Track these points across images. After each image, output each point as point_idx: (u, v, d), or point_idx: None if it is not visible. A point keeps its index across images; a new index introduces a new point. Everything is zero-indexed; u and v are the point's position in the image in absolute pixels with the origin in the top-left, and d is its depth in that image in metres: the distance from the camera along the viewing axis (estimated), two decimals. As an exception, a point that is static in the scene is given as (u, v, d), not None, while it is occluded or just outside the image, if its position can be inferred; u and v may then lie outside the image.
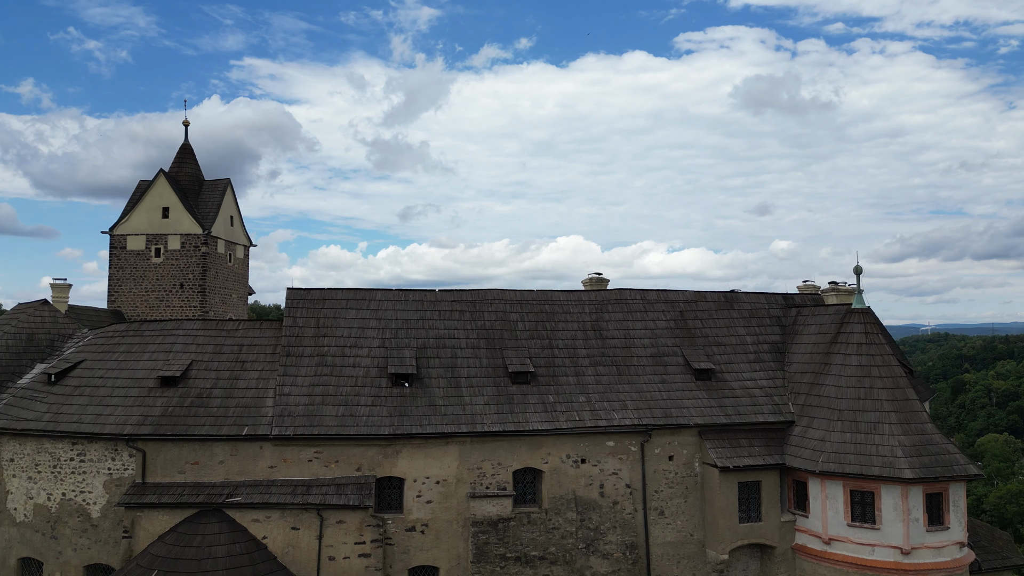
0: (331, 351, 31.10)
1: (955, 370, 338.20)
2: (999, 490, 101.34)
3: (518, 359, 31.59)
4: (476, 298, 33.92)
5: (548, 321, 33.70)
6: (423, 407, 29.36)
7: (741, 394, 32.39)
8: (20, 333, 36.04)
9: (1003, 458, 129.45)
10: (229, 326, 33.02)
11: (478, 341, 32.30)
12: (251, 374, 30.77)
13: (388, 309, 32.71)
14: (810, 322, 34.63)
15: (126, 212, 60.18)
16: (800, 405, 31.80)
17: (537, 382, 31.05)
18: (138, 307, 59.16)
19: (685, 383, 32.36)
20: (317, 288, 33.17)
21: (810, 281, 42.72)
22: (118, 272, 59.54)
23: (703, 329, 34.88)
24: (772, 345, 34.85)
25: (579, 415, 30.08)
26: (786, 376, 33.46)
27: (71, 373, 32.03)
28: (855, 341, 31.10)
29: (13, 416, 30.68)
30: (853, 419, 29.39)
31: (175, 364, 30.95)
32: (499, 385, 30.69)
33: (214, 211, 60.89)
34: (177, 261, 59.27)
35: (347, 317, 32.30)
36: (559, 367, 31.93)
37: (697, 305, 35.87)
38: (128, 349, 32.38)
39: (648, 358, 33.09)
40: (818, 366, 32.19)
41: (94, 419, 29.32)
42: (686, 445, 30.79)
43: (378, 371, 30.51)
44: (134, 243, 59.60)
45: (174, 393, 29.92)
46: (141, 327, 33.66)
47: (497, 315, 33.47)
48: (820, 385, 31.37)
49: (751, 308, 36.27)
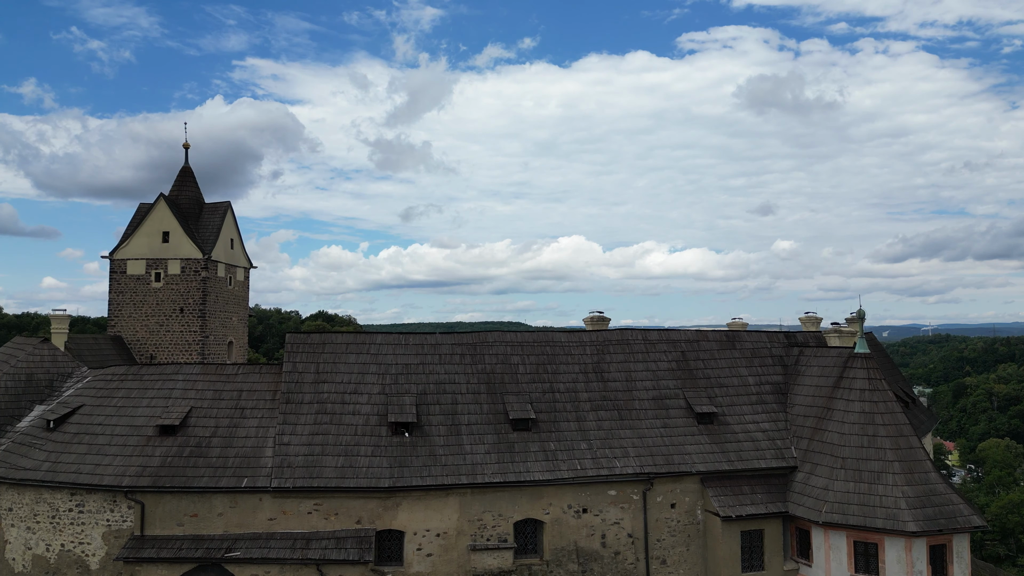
0: (331, 398, 30.93)
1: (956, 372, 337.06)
2: (1001, 499, 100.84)
3: (519, 405, 31.40)
4: (477, 341, 33.74)
5: (549, 363, 33.52)
6: (423, 457, 29.17)
7: (743, 438, 32.19)
8: (19, 373, 35.94)
9: (1004, 464, 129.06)
10: (229, 371, 32.86)
11: (479, 386, 32.11)
12: (250, 421, 30.62)
13: (388, 354, 32.53)
14: (812, 363, 34.43)
15: (126, 236, 60.00)
16: (803, 450, 31.60)
17: (538, 428, 30.87)
18: (138, 332, 59.01)
19: (687, 427, 32.17)
20: (317, 332, 33.01)
21: (812, 313, 42.60)
22: (118, 297, 59.35)
23: (705, 370, 34.68)
24: (774, 386, 34.65)
25: (581, 463, 29.90)
26: (788, 418, 33.26)
27: (70, 419, 31.88)
28: (858, 387, 30.89)
29: (12, 464, 30.53)
30: (856, 468, 29.18)
31: (174, 411, 30.80)
32: (500, 432, 30.51)
33: (214, 235, 60.69)
34: (177, 286, 59.07)
35: (347, 362, 32.13)
36: (560, 412, 31.74)
37: (699, 345, 35.68)
38: (127, 395, 32.25)
39: (650, 401, 32.89)
40: (820, 410, 32.01)
41: (93, 469, 29.17)
42: (688, 492, 30.61)
43: (378, 419, 30.33)
44: (134, 267, 59.41)
45: (173, 442, 29.78)
46: (140, 371, 33.49)
47: (498, 358, 33.28)
48: (823, 431, 31.18)
49: (753, 347, 36.07)
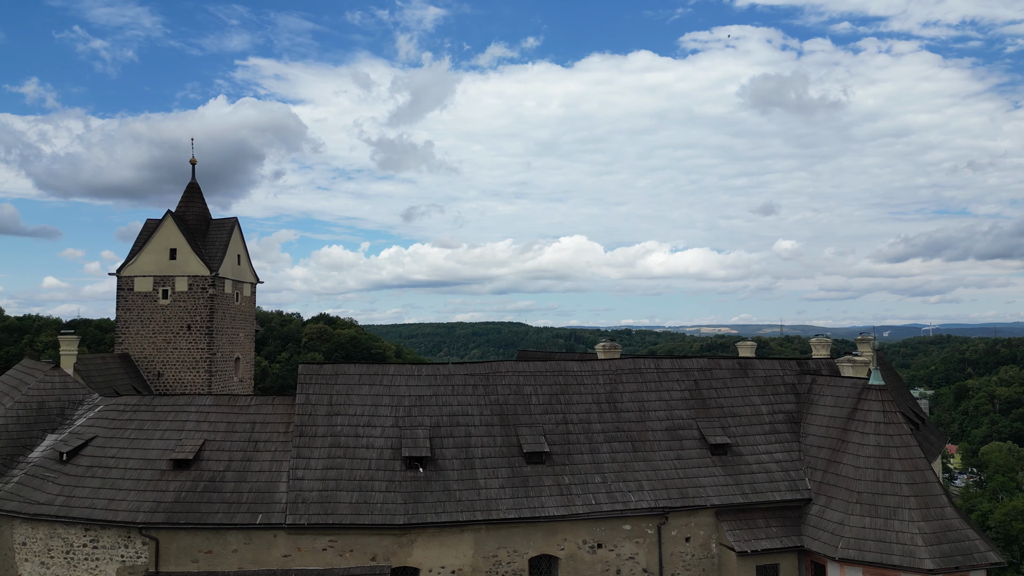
0: (344, 431, 30.89)
1: (958, 374, 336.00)
2: (1004, 506, 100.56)
3: (532, 437, 31.35)
4: (489, 371, 33.69)
5: (562, 394, 33.47)
6: (437, 492, 29.12)
7: (757, 469, 32.13)
8: (30, 402, 35.88)
9: (1007, 469, 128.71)
10: (241, 402, 32.82)
11: (492, 418, 32.06)
12: (264, 455, 30.57)
13: (401, 385, 32.47)
14: (826, 392, 34.36)
15: (133, 253, 59.98)
16: (817, 482, 31.53)
17: (552, 461, 30.82)
18: (145, 349, 59.01)
19: (701, 459, 32.11)
20: (330, 363, 32.97)
21: (824, 335, 42.60)
22: (125, 314, 59.34)
23: (718, 399, 34.62)
24: (787, 415, 34.58)
25: (595, 498, 29.84)
26: (802, 449, 33.20)
27: (83, 451, 31.86)
28: (873, 420, 30.81)
29: (25, 498, 30.49)
30: (872, 503, 29.10)
31: (188, 445, 30.76)
32: (514, 466, 30.46)
33: (221, 251, 60.67)
34: (185, 303, 59.04)
35: (360, 394, 32.09)
36: (574, 444, 31.69)
37: (711, 373, 35.62)
38: (140, 426, 32.22)
39: (663, 432, 32.84)
40: (835, 442, 31.93)
41: (107, 504, 29.12)
42: (703, 526, 30.55)
43: (391, 453, 30.28)
44: (141, 285, 59.38)
45: (187, 476, 29.73)
46: (153, 402, 33.46)
47: (510, 388, 33.24)
48: (838, 463, 31.09)
49: (766, 375, 36.01)
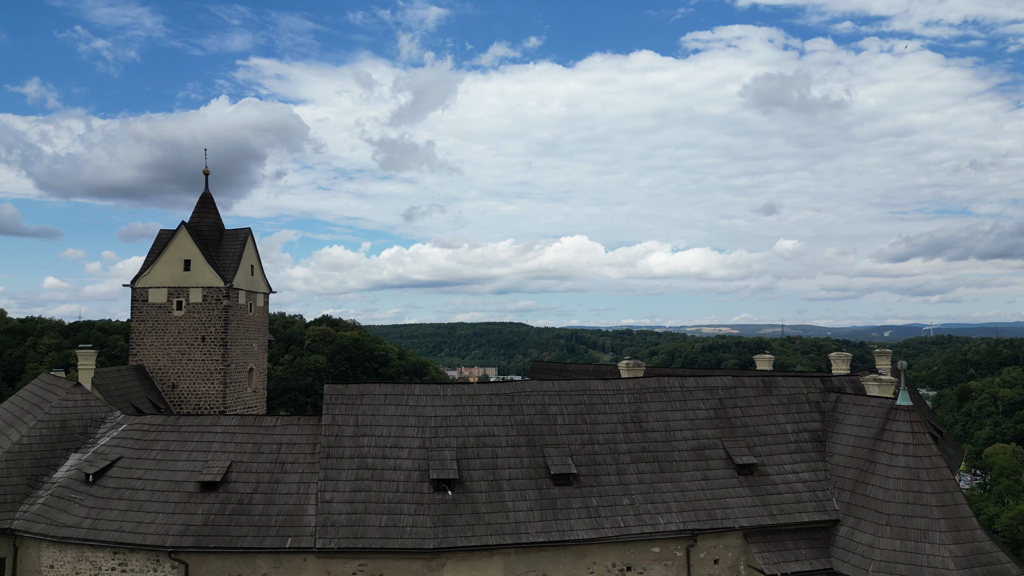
0: (371, 452, 30.84)
1: (960, 375, 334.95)
2: (1011, 510, 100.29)
3: (559, 458, 31.28)
4: (514, 391, 33.63)
5: (587, 413, 33.40)
6: (466, 515, 29.06)
7: (784, 489, 32.05)
8: (53, 420, 35.84)
9: (1011, 471, 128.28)
10: (267, 422, 32.77)
11: (518, 438, 32.00)
12: (291, 477, 30.53)
13: (427, 405, 32.42)
14: (851, 411, 34.26)
15: (147, 264, 59.97)
16: (844, 503, 31.44)
17: (579, 483, 30.75)
18: (160, 361, 59.00)
19: (727, 479, 32.03)
20: (355, 383, 32.92)
21: (843, 351, 42.56)
22: (140, 325, 59.34)
23: (743, 418, 34.55)
24: (812, 433, 34.50)
25: (624, 520, 29.77)
26: (828, 468, 33.11)
27: (109, 472, 31.83)
28: (902, 441, 30.71)
29: (52, 520, 30.45)
30: (902, 524, 29.00)
31: (215, 467, 30.72)
32: (541, 488, 30.40)
33: (235, 262, 60.66)
34: (199, 314, 59.03)
35: (386, 414, 32.03)
36: (600, 465, 31.62)
37: (736, 391, 35.54)
38: (166, 447, 32.19)
39: (689, 452, 32.76)
40: (862, 462, 31.83)
41: (135, 527, 29.09)
42: (731, 548, 30.47)
43: (419, 475, 30.22)
44: (156, 296, 59.38)
45: (215, 499, 29.69)
46: (178, 422, 33.41)
47: (536, 408, 33.18)
48: (866, 484, 31.00)
49: (790, 393, 35.93)
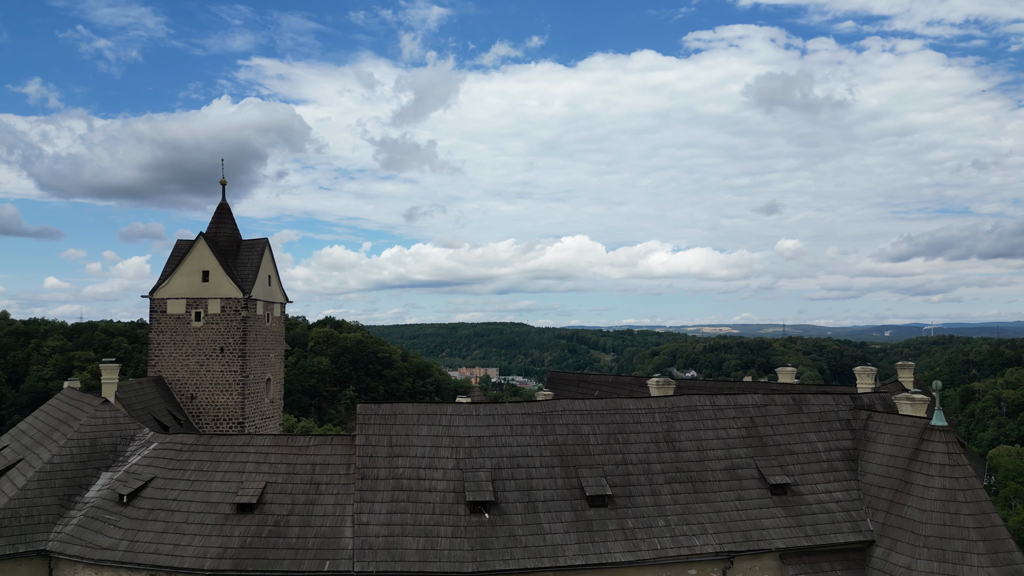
0: (406, 473, 30.81)
1: (962, 376, 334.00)
2: (1019, 513, 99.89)
3: (593, 479, 31.25)
4: (546, 410, 33.60)
5: (620, 433, 33.36)
6: (503, 538, 29.03)
7: (818, 510, 32.01)
8: (83, 439, 35.83)
9: (1017, 474, 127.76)
10: (300, 442, 32.75)
11: (552, 459, 31.96)
12: (327, 498, 30.50)
13: (460, 425, 32.39)
14: (884, 430, 34.20)
15: (165, 275, 59.97)
16: (879, 523, 31.38)
17: (615, 504, 30.71)
18: (178, 372, 59.01)
19: (761, 499, 31.99)
20: (387, 403, 32.90)
21: (868, 365, 42.58)
22: (159, 336, 59.35)
23: (774, 436, 34.50)
24: (844, 452, 34.45)
25: (660, 542, 29.72)
26: (861, 488, 33.06)
27: (142, 492, 31.82)
28: (937, 462, 30.63)
29: (87, 542, 30.44)
30: (940, 547, 28.92)
31: (250, 488, 30.70)
32: (576, 509, 30.37)
33: (253, 272, 60.65)
34: (217, 325, 59.01)
35: (419, 434, 32.00)
36: (634, 485, 31.58)
37: (766, 409, 35.49)
38: (199, 467, 32.18)
39: (722, 471, 32.72)
40: (897, 483, 31.76)
41: (172, 549, 29.07)
42: (768, 569, 30.42)
43: (455, 496, 30.19)
44: (174, 307, 59.36)
45: (251, 521, 29.68)
46: (211, 442, 33.40)
47: (568, 428, 33.14)
48: (901, 505, 30.94)
49: (820, 411, 35.88)
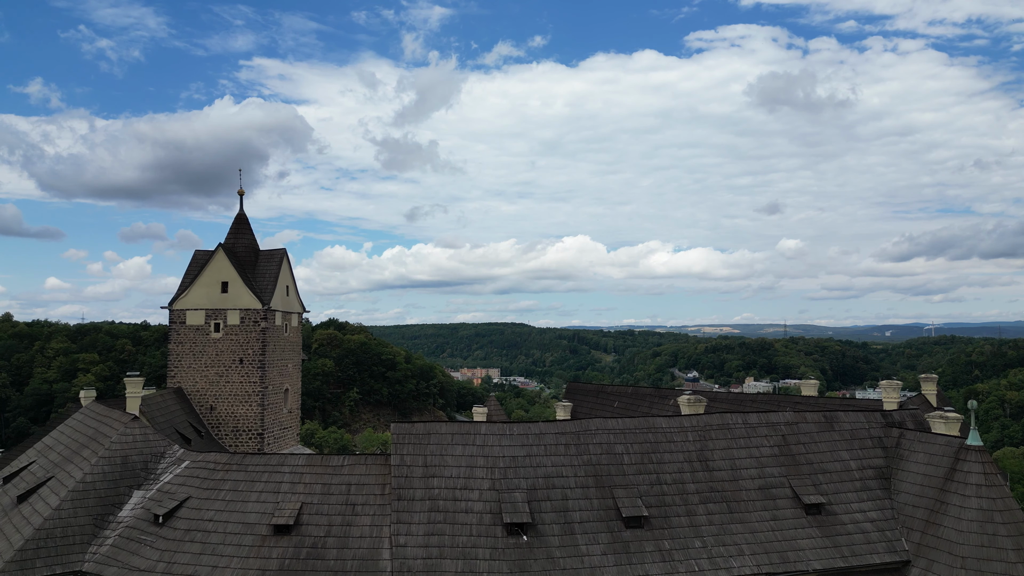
0: (442, 494, 30.80)
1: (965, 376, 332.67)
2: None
3: (629, 500, 31.23)
4: (579, 429, 33.59)
5: (653, 452, 33.34)
6: (541, 560, 29.01)
7: (853, 529, 31.98)
8: (114, 457, 35.88)
9: (1023, 476, 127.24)
10: (335, 462, 32.75)
11: (586, 479, 31.95)
12: (363, 519, 30.50)
13: (494, 445, 32.37)
14: (917, 449, 34.17)
15: (184, 286, 60.00)
16: (915, 543, 31.35)
17: (651, 525, 30.69)
18: (198, 383, 59.03)
19: (796, 519, 31.96)
20: (421, 422, 32.90)
21: (894, 378, 42.56)
22: (178, 347, 59.36)
23: (807, 455, 34.47)
24: (876, 470, 34.41)
25: (698, 564, 29.70)
26: (895, 507, 33.03)
27: (178, 512, 31.85)
28: (974, 482, 30.63)
29: (124, 563, 30.48)
30: (977, 568, 28.91)
31: (286, 509, 30.70)
32: (613, 531, 30.35)
33: (272, 283, 60.66)
34: (236, 336, 59.02)
35: (454, 454, 31.99)
36: (670, 506, 31.56)
37: (798, 427, 35.46)
38: (234, 487, 32.19)
39: (756, 491, 32.70)
40: (932, 502, 31.74)
41: (210, 571, 29.10)
42: (804, 591, 30.40)
43: (491, 517, 30.18)
44: (193, 318, 59.39)
45: (288, 542, 29.69)
46: (244, 461, 33.41)
47: (602, 447, 33.12)
48: (937, 525, 30.92)
49: (851, 428, 35.83)
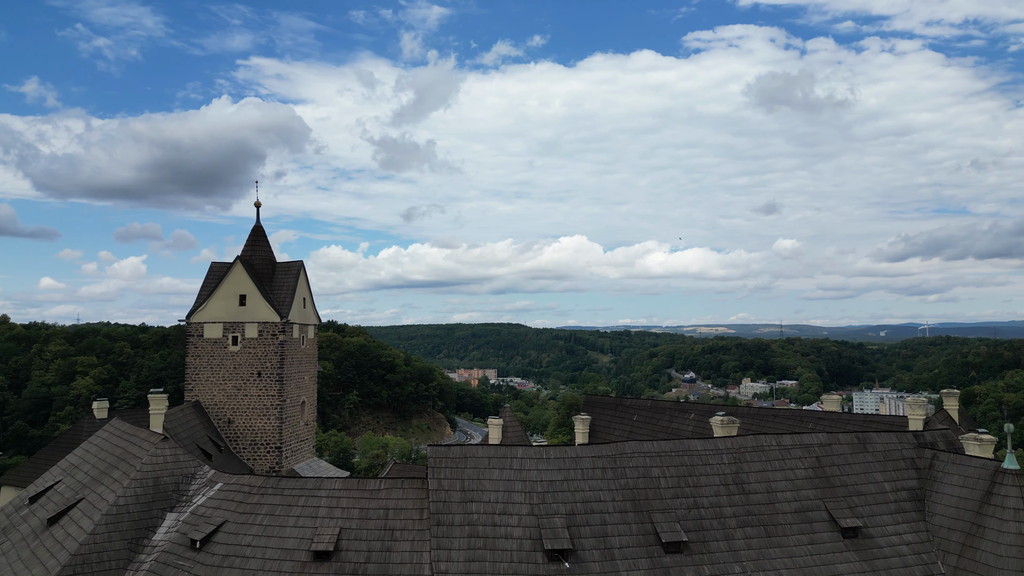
0: (481, 519, 30.76)
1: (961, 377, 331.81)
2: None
3: (667, 524, 31.24)
4: (615, 452, 33.57)
5: (689, 475, 33.35)
6: (584, 586, 29.02)
7: (889, 553, 32.03)
8: (146, 479, 35.76)
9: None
10: (371, 485, 32.69)
11: (624, 504, 31.95)
12: (402, 544, 30.44)
13: (531, 468, 32.34)
14: (951, 471, 34.24)
15: (202, 299, 59.94)
16: (951, 567, 31.42)
17: (690, 550, 30.70)
18: (215, 396, 58.98)
19: (833, 543, 31.99)
20: (457, 445, 32.87)
21: (920, 395, 42.68)
22: (195, 360, 59.36)
23: (841, 476, 34.52)
24: (910, 492, 34.49)
25: (738, 589, 29.74)
26: (929, 529, 33.10)
27: (214, 537, 31.75)
28: (1011, 506, 30.72)
29: (162, 589, 30.37)
30: (1017, 594, 29.01)
31: (325, 534, 30.62)
32: (653, 556, 30.34)
33: (289, 296, 60.65)
34: (255, 349, 59.01)
35: (491, 478, 31.95)
36: (708, 531, 31.57)
37: (832, 448, 35.51)
38: (271, 511, 32.11)
39: (793, 514, 32.73)
40: (968, 525, 31.83)
41: (250, 599, 29.02)
42: (844, 616, 30.44)
43: (531, 543, 30.15)
44: (211, 331, 59.35)
45: (329, 568, 29.61)
46: (280, 484, 33.33)
47: (639, 471, 33.12)
48: (974, 549, 31.00)
49: (884, 449, 35.91)
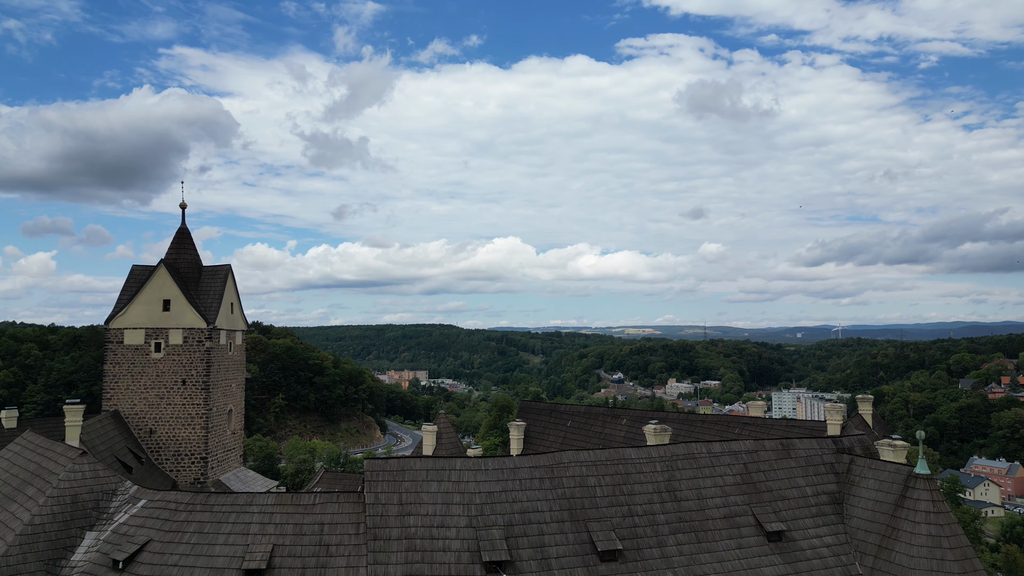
0: (419, 532, 30.59)
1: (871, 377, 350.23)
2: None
3: (603, 533, 31.79)
4: (553, 462, 33.93)
5: (624, 484, 34.02)
6: (521, 597, 29.22)
7: (811, 555, 33.46)
8: (63, 496, 34.11)
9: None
10: (306, 500, 32.03)
11: (561, 513, 32.33)
12: (338, 560, 29.97)
13: (469, 480, 32.35)
14: (867, 475, 36.01)
15: (122, 304, 57.47)
16: (868, 568, 33.06)
17: (624, 558, 31.33)
18: (136, 405, 56.67)
19: (759, 546, 33.21)
20: (394, 457, 32.58)
21: (834, 395, 44.76)
22: (114, 368, 56.84)
23: (767, 482, 35.85)
24: (830, 496, 36.11)
25: (671, 595, 30.51)
26: (848, 532, 34.75)
27: (138, 557, 30.54)
28: (923, 509, 32.54)
29: (82, 613, 29.01)
30: (928, 592, 30.76)
31: (257, 552, 29.85)
32: (589, 565, 30.82)
33: (216, 301, 58.79)
34: (179, 356, 56.94)
35: (429, 491, 31.80)
36: (642, 538, 32.29)
37: (758, 455, 36.83)
38: (199, 529, 31.09)
39: (722, 520, 33.81)
40: (883, 528, 33.57)
41: (178, 620, 28.05)
42: (769, 618, 31.63)
43: (469, 555, 30.18)
44: (132, 337, 56.97)
45: (261, 587, 28.89)
46: (208, 500, 32.29)
47: (575, 480, 33.57)
48: (889, 551, 32.70)
49: (806, 455, 37.47)
